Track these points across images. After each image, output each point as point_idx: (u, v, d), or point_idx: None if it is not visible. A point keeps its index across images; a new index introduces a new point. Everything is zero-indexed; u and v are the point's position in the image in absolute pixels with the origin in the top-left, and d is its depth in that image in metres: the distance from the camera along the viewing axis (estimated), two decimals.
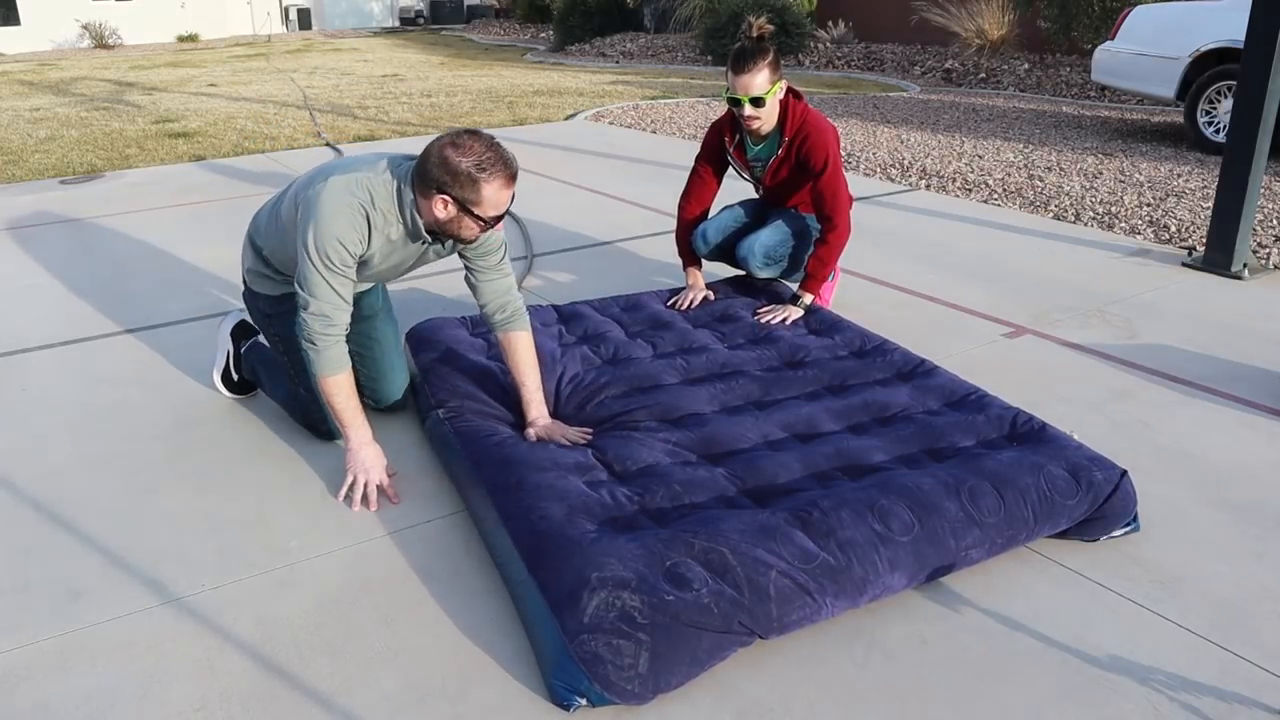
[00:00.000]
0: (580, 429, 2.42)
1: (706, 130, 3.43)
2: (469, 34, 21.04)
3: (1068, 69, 10.62)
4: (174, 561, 2.09)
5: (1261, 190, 5.38)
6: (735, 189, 5.22)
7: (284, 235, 2.43)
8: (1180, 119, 8.13)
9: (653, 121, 8.11)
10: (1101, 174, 5.90)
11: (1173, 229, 4.66)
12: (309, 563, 2.08)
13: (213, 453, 2.58)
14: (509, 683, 1.72)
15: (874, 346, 2.85)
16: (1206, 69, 6.59)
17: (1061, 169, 6.07)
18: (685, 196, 3.41)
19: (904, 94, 9.96)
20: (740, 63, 3.00)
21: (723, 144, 3.32)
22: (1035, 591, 1.96)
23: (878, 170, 6.11)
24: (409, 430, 2.67)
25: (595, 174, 6.04)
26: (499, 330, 2.47)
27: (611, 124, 8.04)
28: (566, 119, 8.38)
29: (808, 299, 3.13)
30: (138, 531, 2.21)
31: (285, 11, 23.68)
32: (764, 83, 3.00)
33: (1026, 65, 10.94)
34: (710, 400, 2.53)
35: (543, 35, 19.29)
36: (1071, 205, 5.15)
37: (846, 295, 3.73)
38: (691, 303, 3.22)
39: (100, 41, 19.90)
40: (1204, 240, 4.40)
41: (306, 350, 2.27)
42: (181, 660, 1.79)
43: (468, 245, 2.39)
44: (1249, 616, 1.89)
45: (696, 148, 6.76)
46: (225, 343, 2.86)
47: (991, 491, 2.02)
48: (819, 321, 3.06)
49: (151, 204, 5.39)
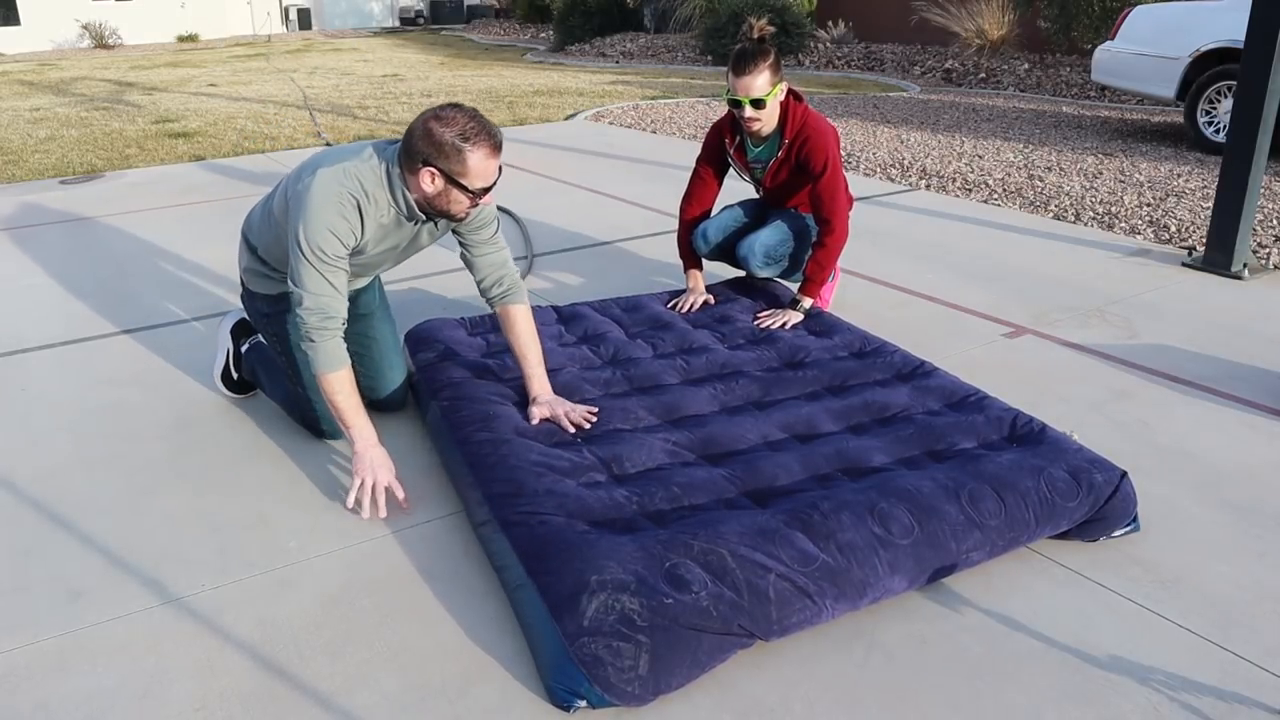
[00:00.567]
0: (585, 408, 2.41)
1: (707, 131, 3.43)
2: (469, 34, 21.04)
3: (1068, 69, 10.62)
4: (174, 561, 2.09)
5: (1261, 190, 5.38)
6: (736, 189, 5.22)
7: (277, 231, 2.42)
8: (1180, 119, 8.13)
9: (653, 121, 8.11)
10: (1101, 174, 5.90)
11: (1173, 229, 4.66)
12: (309, 563, 2.08)
13: (213, 453, 2.58)
14: (509, 683, 1.72)
15: (874, 348, 2.85)
16: (1206, 69, 6.59)
17: (1061, 169, 6.07)
18: (686, 198, 3.41)
19: (904, 94, 9.96)
20: (741, 64, 3.00)
21: (723, 145, 3.32)
22: (1035, 591, 1.96)
23: (878, 170, 6.11)
24: (409, 430, 2.67)
25: (595, 174, 6.04)
26: (497, 305, 2.49)
27: (611, 124, 8.04)
28: (566, 119, 8.38)
29: (807, 303, 3.13)
30: (138, 531, 2.21)
31: (285, 11, 23.68)
32: (765, 84, 3.00)
33: (1026, 65, 10.94)
34: (710, 401, 2.53)
35: (543, 35, 19.29)
36: (1071, 205, 5.15)
37: (846, 295, 3.73)
38: (692, 306, 3.22)
39: (100, 41, 19.90)
40: (1204, 240, 4.40)
41: (304, 348, 2.24)
42: (181, 660, 1.79)
43: (459, 223, 2.38)
44: (1249, 616, 1.89)
45: (696, 148, 6.77)
46: (225, 341, 2.85)
47: (992, 494, 2.02)
48: (819, 324, 3.06)
49: (151, 204, 5.39)
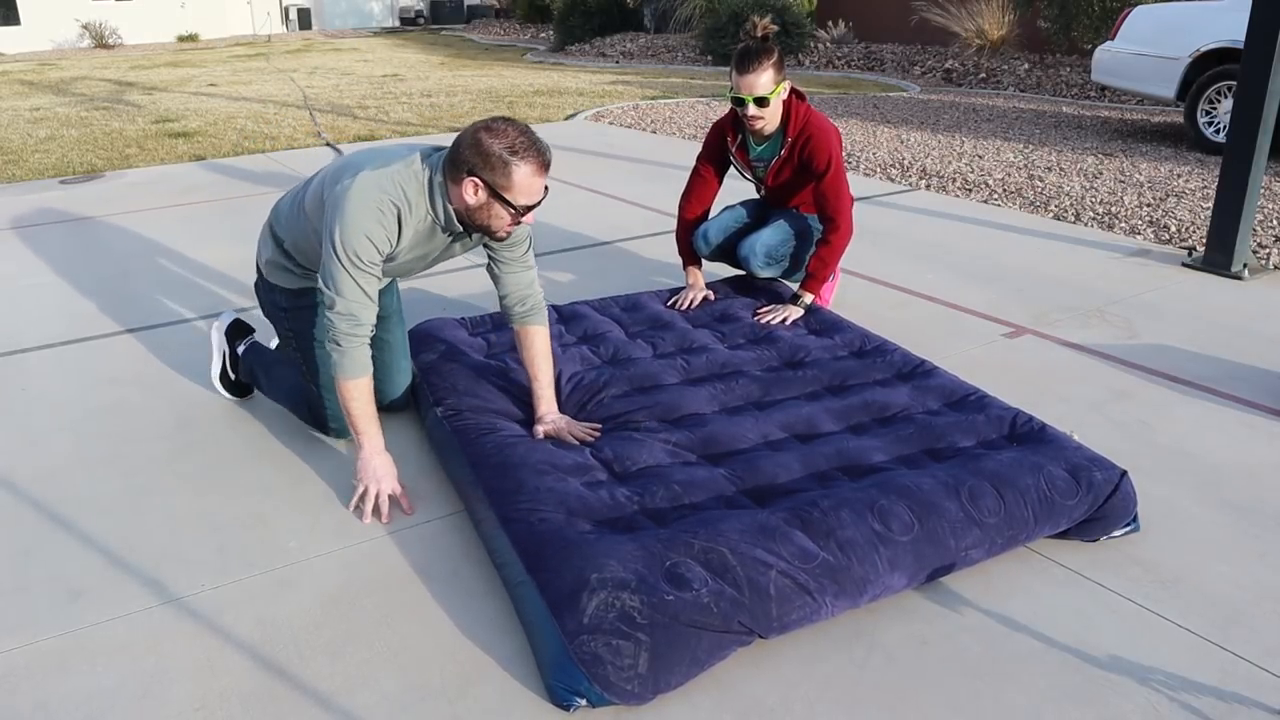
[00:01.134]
0: (589, 425, 2.40)
1: (708, 130, 3.43)
2: (469, 34, 21.04)
3: (1068, 69, 10.62)
4: (174, 561, 2.09)
5: (1261, 190, 5.38)
6: (736, 189, 5.22)
7: (306, 227, 2.38)
8: (1180, 119, 8.13)
9: (653, 121, 8.11)
10: (1101, 174, 5.90)
11: (1173, 229, 4.66)
12: (309, 563, 2.08)
13: (213, 453, 2.58)
14: (509, 683, 1.72)
15: (874, 347, 2.85)
16: (1206, 69, 6.58)
17: (1061, 169, 6.07)
18: (686, 196, 3.41)
19: (904, 94, 9.96)
20: (744, 63, 3.00)
21: (725, 144, 3.32)
22: (1035, 591, 1.96)
23: (878, 170, 6.11)
24: (409, 431, 2.67)
25: (595, 174, 6.04)
26: (517, 323, 2.45)
27: (611, 124, 8.04)
28: (566, 119, 8.38)
29: (808, 299, 3.13)
30: (138, 531, 2.21)
31: (285, 11, 23.68)
32: (768, 83, 3.00)
33: (1026, 65, 10.94)
34: (710, 400, 2.53)
35: (543, 35, 19.29)
36: (1071, 205, 5.15)
37: (846, 295, 3.73)
38: (691, 303, 3.22)
39: (100, 41, 19.90)
40: (1204, 240, 4.40)
41: (330, 351, 2.20)
42: (181, 660, 1.79)
43: (497, 241, 2.32)
44: (1249, 616, 1.89)
45: (697, 148, 6.77)
46: (220, 344, 2.82)
47: (992, 492, 2.02)
48: (819, 322, 3.06)
49: (151, 204, 5.39)
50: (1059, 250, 4.33)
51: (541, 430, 2.38)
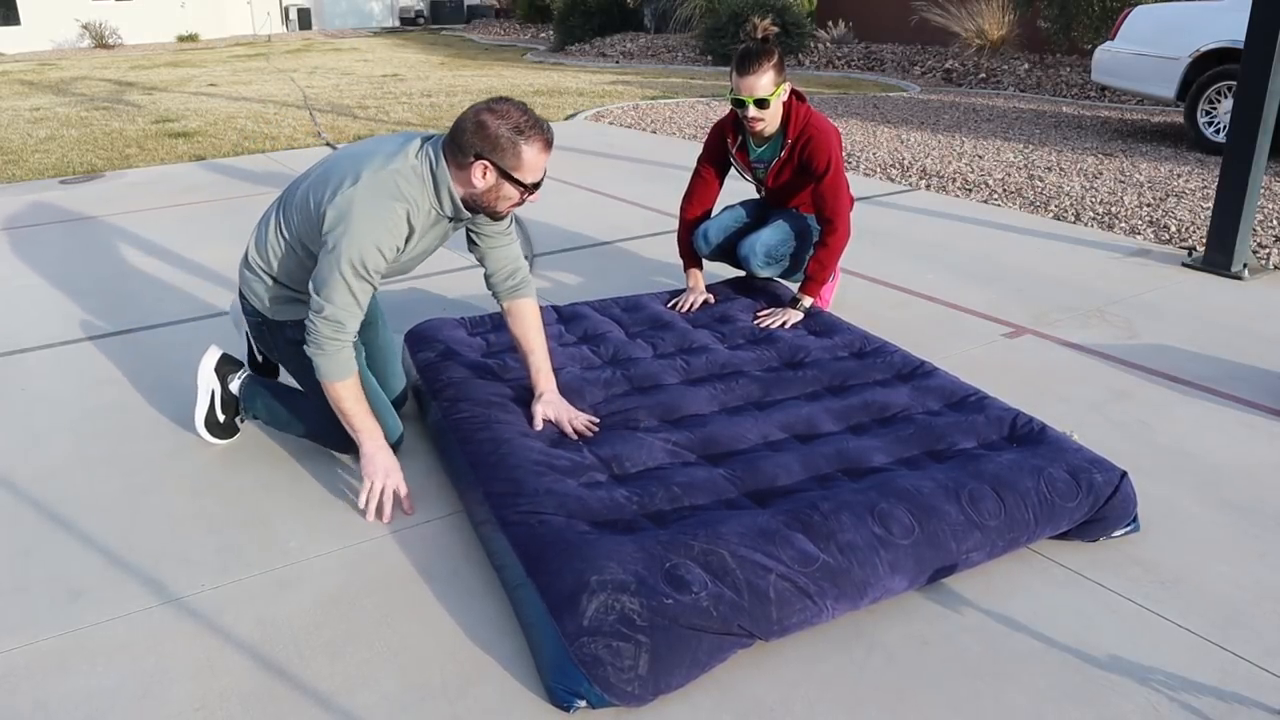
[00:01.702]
0: (588, 417, 2.39)
1: (708, 131, 3.43)
2: (469, 34, 21.04)
3: (1068, 69, 10.62)
4: (174, 561, 2.09)
5: (1261, 190, 5.38)
6: (736, 189, 5.22)
7: (294, 242, 2.33)
8: (1180, 119, 8.13)
9: (653, 121, 8.11)
10: (1101, 174, 5.90)
11: (1173, 229, 4.66)
12: (309, 563, 2.08)
13: (213, 453, 2.57)
14: (508, 683, 1.72)
15: (874, 348, 2.85)
16: (1206, 69, 6.59)
17: (1061, 169, 6.07)
18: (687, 198, 3.41)
19: (904, 94, 9.96)
20: (745, 64, 3.00)
21: (725, 145, 3.32)
22: (1035, 591, 1.96)
23: (878, 170, 6.11)
24: (409, 431, 2.67)
25: (595, 174, 6.04)
26: (507, 298, 2.46)
27: (611, 124, 8.04)
28: (566, 119, 8.38)
29: (807, 302, 3.13)
30: (138, 531, 2.21)
31: (285, 11, 23.68)
32: (768, 84, 3.00)
33: (1026, 65, 10.94)
34: (710, 401, 2.53)
35: (543, 35, 19.29)
36: (1071, 205, 5.15)
37: (846, 295, 3.73)
38: (692, 305, 3.22)
39: (100, 41, 19.90)
40: (1204, 240, 4.40)
41: (312, 356, 2.17)
42: (181, 660, 1.79)
43: (498, 220, 2.31)
44: (1249, 616, 1.89)
45: (697, 148, 6.77)
46: (210, 382, 2.56)
47: (992, 494, 2.02)
48: (819, 323, 3.06)
49: (151, 204, 5.39)
50: (1059, 250, 4.33)
51: (541, 411, 2.36)
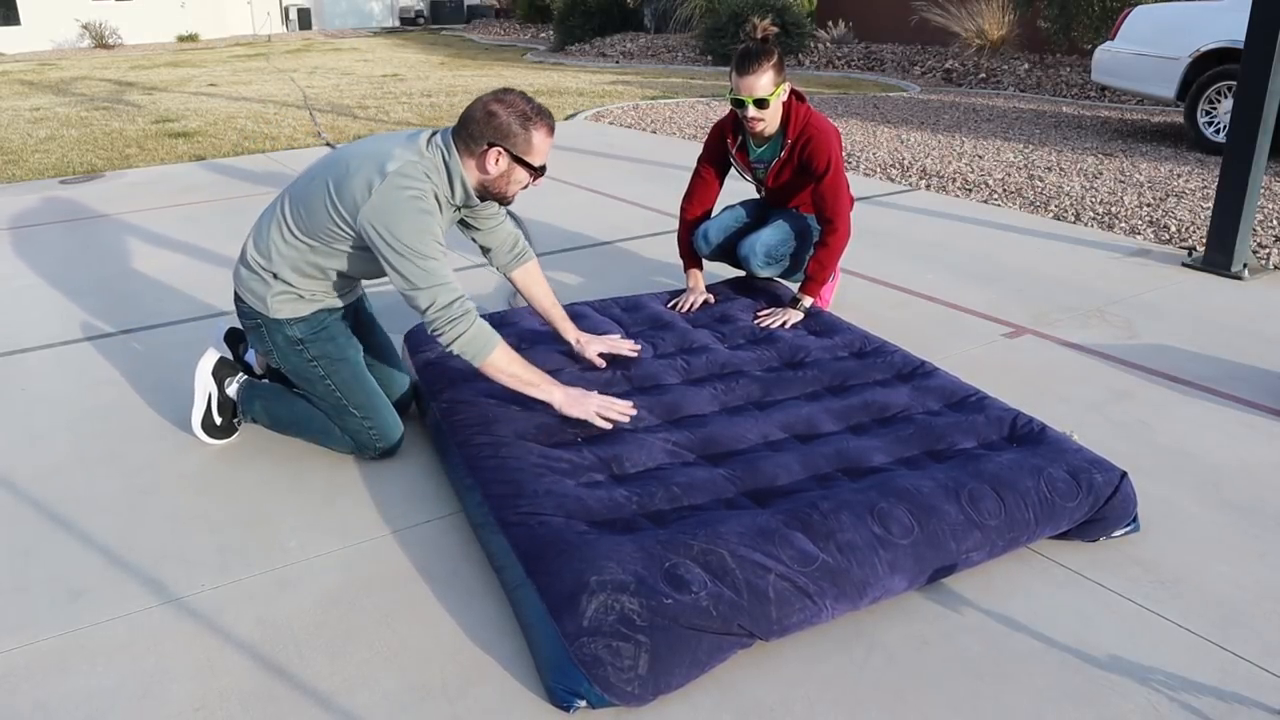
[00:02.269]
0: (631, 343, 2.72)
1: (708, 131, 3.43)
2: (469, 34, 21.04)
3: (1068, 69, 10.62)
4: (174, 561, 2.09)
5: (1261, 190, 5.38)
6: (736, 189, 5.22)
7: (301, 246, 2.34)
8: (1180, 119, 8.13)
9: (653, 121, 8.11)
10: (1101, 174, 5.90)
11: (1173, 229, 4.66)
12: (309, 563, 2.08)
13: (213, 452, 2.57)
14: (508, 683, 1.72)
15: (874, 348, 2.85)
16: (1206, 69, 6.59)
17: (1061, 169, 6.07)
18: (687, 198, 3.41)
19: (904, 94, 9.96)
20: (744, 64, 3.00)
21: (725, 145, 3.32)
22: (1035, 591, 1.96)
23: (878, 170, 6.11)
24: (410, 430, 2.67)
25: (595, 174, 6.04)
26: (515, 267, 2.64)
27: (611, 124, 8.04)
28: (566, 119, 8.38)
29: (807, 302, 3.13)
30: (138, 531, 2.21)
31: (285, 11, 23.68)
32: (768, 84, 3.00)
33: (1026, 65, 10.94)
34: (710, 401, 2.53)
35: (543, 35, 19.29)
36: (1071, 205, 5.15)
37: (846, 295, 3.73)
38: (692, 305, 3.22)
39: (100, 41, 19.90)
40: (1204, 240, 4.40)
41: (460, 340, 2.21)
42: (181, 660, 1.79)
43: (508, 203, 2.44)
44: (1249, 616, 1.89)
45: (697, 148, 6.77)
46: (206, 385, 2.57)
47: (992, 494, 2.02)
48: (819, 323, 3.06)
49: (151, 204, 5.39)
50: (1059, 250, 4.33)
51: (593, 350, 2.65)
